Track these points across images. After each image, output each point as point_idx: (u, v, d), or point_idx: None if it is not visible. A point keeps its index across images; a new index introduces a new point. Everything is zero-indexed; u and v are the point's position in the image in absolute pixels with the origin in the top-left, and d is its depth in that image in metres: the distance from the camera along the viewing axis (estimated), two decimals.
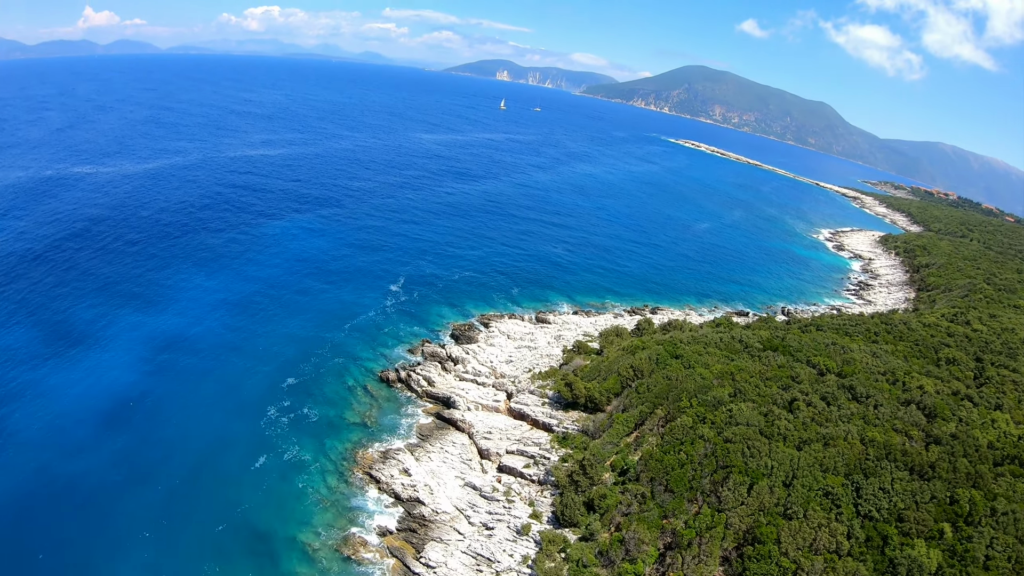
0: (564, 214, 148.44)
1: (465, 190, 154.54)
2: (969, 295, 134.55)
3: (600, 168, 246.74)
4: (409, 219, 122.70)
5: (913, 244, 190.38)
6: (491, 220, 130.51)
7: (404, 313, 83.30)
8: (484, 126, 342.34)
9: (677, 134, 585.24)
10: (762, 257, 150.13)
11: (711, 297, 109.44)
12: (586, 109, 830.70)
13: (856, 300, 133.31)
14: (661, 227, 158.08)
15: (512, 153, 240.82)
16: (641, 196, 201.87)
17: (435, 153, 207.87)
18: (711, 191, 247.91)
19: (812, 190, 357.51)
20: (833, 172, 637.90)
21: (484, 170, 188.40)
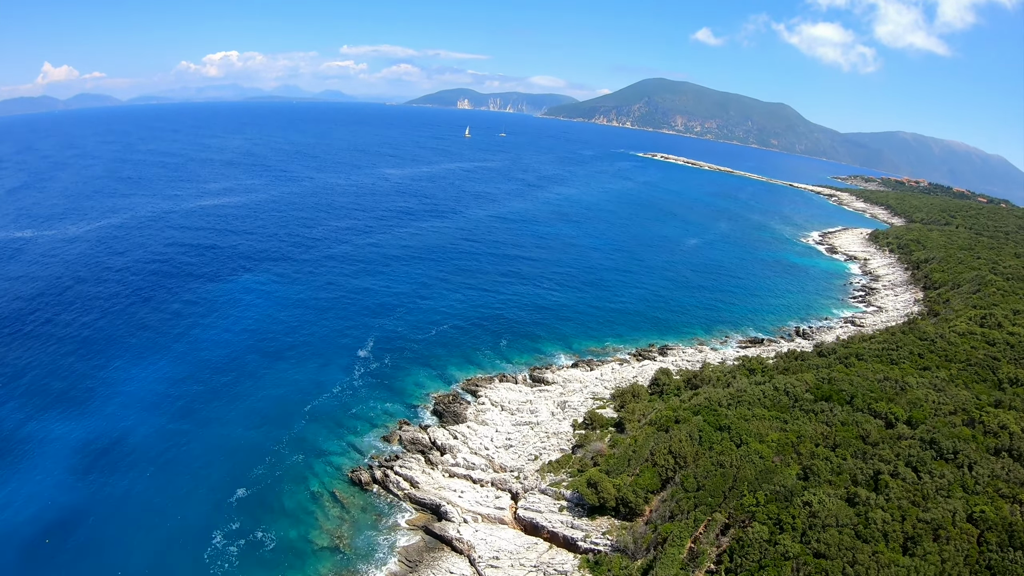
0: (546, 245, 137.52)
1: (436, 228, 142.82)
2: (981, 289, 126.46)
3: (575, 189, 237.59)
4: (376, 269, 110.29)
5: (905, 239, 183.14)
6: (467, 261, 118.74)
7: (375, 385, 71.41)
8: (451, 155, 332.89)
9: (644, 148, 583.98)
10: (759, 270, 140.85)
11: (718, 325, 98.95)
12: (550, 130, 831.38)
13: (866, 308, 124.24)
14: (650, 248, 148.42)
15: (483, 182, 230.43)
16: (623, 215, 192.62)
17: (403, 188, 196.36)
18: (691, 203, 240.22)
19: (787, 192, 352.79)
20: (802, 172, 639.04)
21: (455, 203, 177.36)
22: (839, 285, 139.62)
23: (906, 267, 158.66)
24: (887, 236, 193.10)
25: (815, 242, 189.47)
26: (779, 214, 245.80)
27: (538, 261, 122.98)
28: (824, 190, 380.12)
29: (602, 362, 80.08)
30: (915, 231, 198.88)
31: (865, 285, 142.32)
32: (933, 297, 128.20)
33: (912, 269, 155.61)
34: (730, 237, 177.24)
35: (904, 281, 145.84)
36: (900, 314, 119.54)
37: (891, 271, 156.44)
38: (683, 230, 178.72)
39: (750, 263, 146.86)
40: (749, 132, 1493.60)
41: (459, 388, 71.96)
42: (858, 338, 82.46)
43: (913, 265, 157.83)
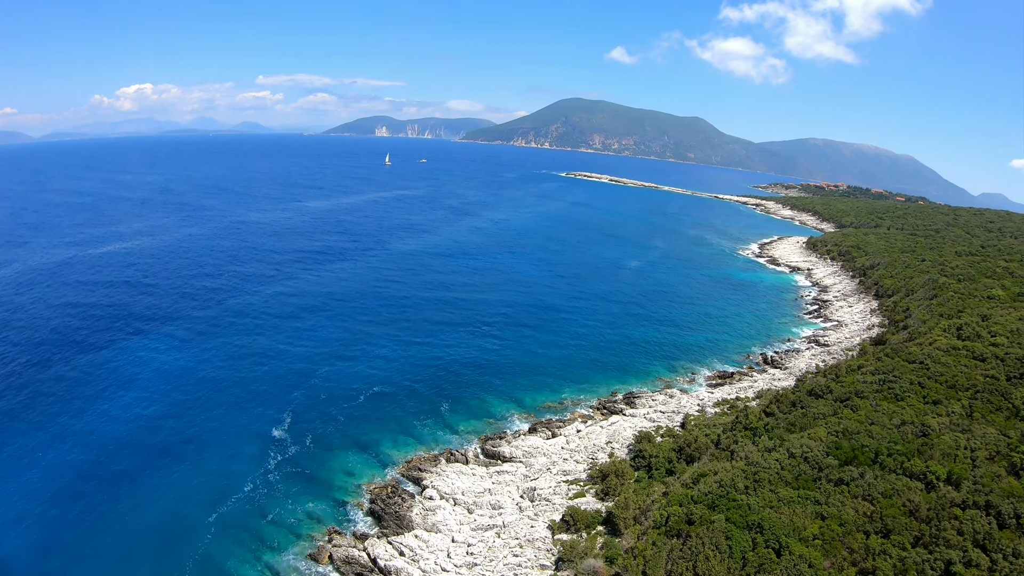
0: (481, 279, 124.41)
1: (358, 268, 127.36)
2: (938, 294, 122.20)
3: (505, 213, 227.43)
4: (290, 324, 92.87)
5: (845, 245, 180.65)
6: (395, 307, 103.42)
7: (296, 477, 56.74)
8: (373, 184, 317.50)
9: (566, 167, 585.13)
10: (708, 290, 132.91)
11: (680, 359, 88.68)
12: (470, 154, 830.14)
13: (824, 324, 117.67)
14: (593, 273, 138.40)
15: (408, 211, 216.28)
16: (558, 238, 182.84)
17: (322, 222, 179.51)
18: (624, 221, 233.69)
19: (714, 204, 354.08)
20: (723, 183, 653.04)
21: (379, 237, 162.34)
22: (791, 300, 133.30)
23: (852, 275, 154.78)
24: (825, 244, 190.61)
25: (755, 255, 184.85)
26: (712, 227, 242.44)
27: (475, 300, 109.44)
28: (749, 200, 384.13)
29: (563, 422, 67.55)
30: (852, 236, 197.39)
31: (816, 298, 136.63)
32: (889, 306, 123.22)
33: (859, 276, 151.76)
34: (671, 255, 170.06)
35: (854, 290, 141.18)
36: (861, 327, 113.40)
37: (838, 280, 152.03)
38: (622, 251, 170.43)
39: (697, 283, 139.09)
40: (666, 147, 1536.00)
41: (398, 474, 57.99)
42: (844, 367, 73.62)
43: (859, 272, 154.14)
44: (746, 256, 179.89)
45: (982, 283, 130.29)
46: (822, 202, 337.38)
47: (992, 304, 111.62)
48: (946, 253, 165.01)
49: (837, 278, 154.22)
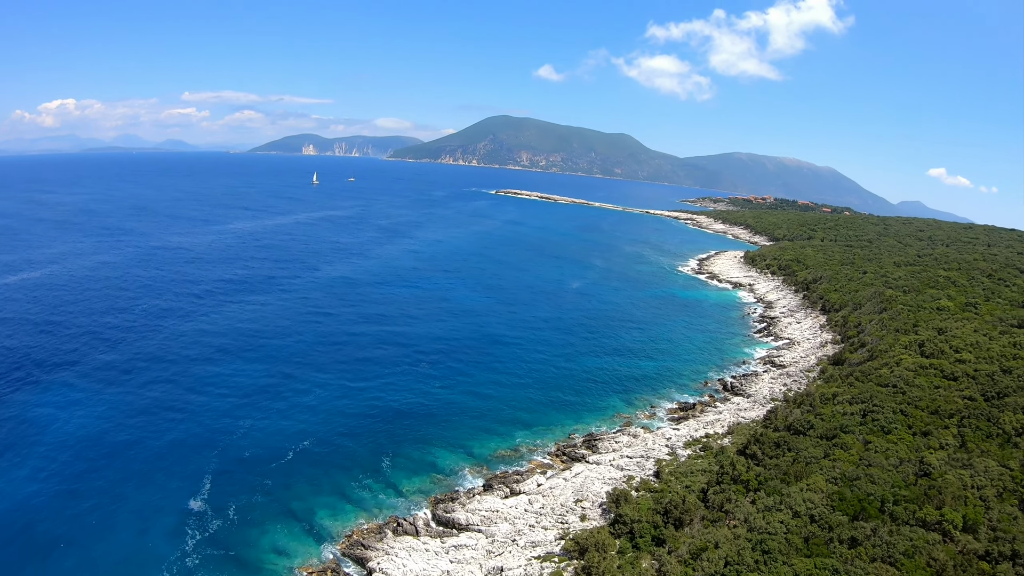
0: (417, 308, 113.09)
1: (283, 299, 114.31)
2: (887, 308, 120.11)
3: (438, 233, 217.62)
4: (205, 370, 79.52)
5: (784, 259, 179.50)
6: (323, 347, 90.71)
7: (217, 560, 45.05)
8: (300, 204, 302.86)
9: (495, 185, 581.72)
10: (653, 312, 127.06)
11: (636, 391, 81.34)
12: (398, 172, 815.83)
13: (776, 343, 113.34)
14: (534, 297, 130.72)
15: (336, 232, 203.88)
16: (495, 258, 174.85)
17: (246, 246, 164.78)
18: (559, 239, 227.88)
19: (646, 219, 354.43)
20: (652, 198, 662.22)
21: (306, 261, 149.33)
22: (738, 318, 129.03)
23: (795, 289, 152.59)
24: (764, 258, 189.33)
25: (695, 271, 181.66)
26: (648, 243, 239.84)
27: (413, 334, 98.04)
28: (680, 215, 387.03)
29: (520, 474, 58.38)
30: (790, 250, 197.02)
31: (763, 314, 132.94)
32: (838, 321, 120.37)
33: (802, 291, 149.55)
34: (611, 273, 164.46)
35: (799, 305, 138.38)
36: (814, 344, 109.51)
37: (781, 295, 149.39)
38: (562, 270, 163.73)
39: (642, 303, 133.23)
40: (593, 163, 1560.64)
41: (338, 551, 47.51)
42: (818, 396, 67.70)
43: (802, 286, 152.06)
44: (686, 273, 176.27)
45: (928, 294, 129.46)
46: (753, 215, 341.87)
47: (944, 316, 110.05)
48: (885, 264, 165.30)
49: (780, 293, 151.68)
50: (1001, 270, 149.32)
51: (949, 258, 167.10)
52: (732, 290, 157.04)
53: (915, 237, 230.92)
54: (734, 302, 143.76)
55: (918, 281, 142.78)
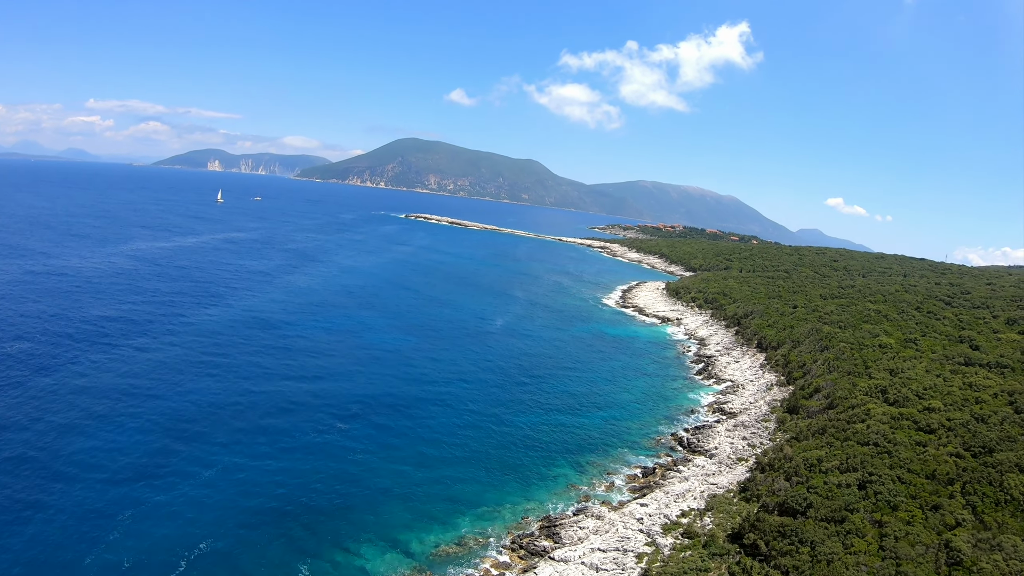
0: (327, 355, 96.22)
1: (170, 347, 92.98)
2: (829, 346, 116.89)
3: (348, 260, 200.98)
4: (66, 450, 59.15)
5: (710, 292, 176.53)
6: (214, 410, 72.09)
7: None
8: (203, 223, 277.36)
9: (404, 208, 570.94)
10: (585, 353, 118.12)
11: (585, 453, 71.00)
12: (305, 193, 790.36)
13: (719, 386, 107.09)
14: (457, 336, 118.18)
15: (240, 256, 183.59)
16: (411, 288, 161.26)
17: (136, 273, 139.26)
18: (476, 267, 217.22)
19: (560, 247, 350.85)
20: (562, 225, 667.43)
21: (200, 296, 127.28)
22: (673, 357, 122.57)
23: (726, 324, 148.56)
24: (688, 290, 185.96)
25: (619, 304, 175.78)
26: (566, 273, 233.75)
27: (324, 390, 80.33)
28: (594, 242, 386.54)
29: None
30: (713, 282, 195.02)
31: (699, 353, 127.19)
32: (778, 360, 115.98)
33: (734, 326, 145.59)
34: (534, 307, 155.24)
35: (733, 342, 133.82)
36: (759, 387, 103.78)
37: (713, 331, 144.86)
38: (483, 303, 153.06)
39: (571, 343, 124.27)
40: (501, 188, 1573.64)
41: None
42: (801, 461, 59.87)
43: (732, 321, 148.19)
44: (611, 306, 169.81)
45: (865, 330, 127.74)
46: (667, 244, 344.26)
47: (889, 355, 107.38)
48: (812, 297, 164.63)
49: (711, 328, 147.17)
50: (926, 302, 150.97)
51: (872, 290, 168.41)
52: (661, 325, 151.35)
53: (830, 267, 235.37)
54: (666, 339, 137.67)
55: (850, 315, 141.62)
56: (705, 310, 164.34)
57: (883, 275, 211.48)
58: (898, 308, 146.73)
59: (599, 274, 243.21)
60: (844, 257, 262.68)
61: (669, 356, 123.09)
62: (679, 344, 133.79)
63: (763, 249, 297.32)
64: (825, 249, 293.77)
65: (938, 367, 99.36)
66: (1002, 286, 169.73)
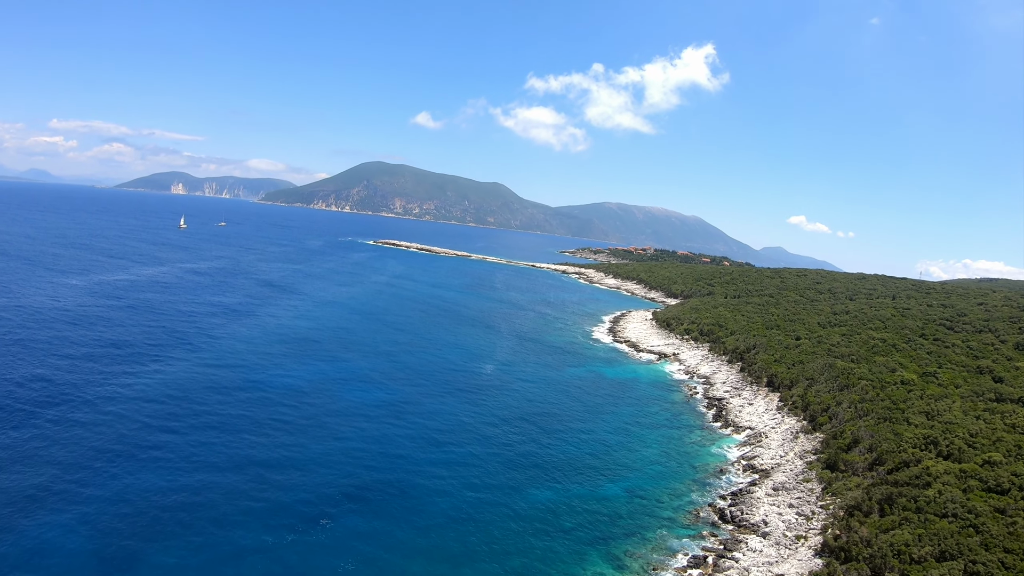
0: (295, 426, 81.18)
1: (103, 418, 76.63)
2: (849, 384, 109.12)
3: (313, 294, 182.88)
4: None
5: (704, 323, 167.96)
6: (153, 518, 56.13)
7: None
8: (166, 249, 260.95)
9: (372, 234, 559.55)
10: (587, 401, 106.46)
11: (616, 539, 58.24)
12: (271, 218, 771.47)
13: (738, 435, 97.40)
14: (445, 387, 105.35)
15: (201, 290, 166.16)
16: (391, 325, 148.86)
17: (84, 312, 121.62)
18: (453, 298, 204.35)
19: (535, 274, 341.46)
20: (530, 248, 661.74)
21: (150, 344, 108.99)
22: (682, 402, 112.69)
23: (728, 359, 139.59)
24: (680, 321, 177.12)
25: (610, 337, 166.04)
26: (547, 303, 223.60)
27: (295, 482, 66.31)
28: (569, 268, 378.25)
29: None
30: (704, 311, 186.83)
31: (708, 396, 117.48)
32: (796, 401, 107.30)
33: (736, 361, 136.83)
34: (522, 344, 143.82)
35: (741, 381, 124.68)
36: (784, 435, 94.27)
37: (716, 368, 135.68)
38: (467, 340, 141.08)
39: (570, 389, 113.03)
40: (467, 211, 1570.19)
41: None
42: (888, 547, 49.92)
43: (734, 356, 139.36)
44: (603, 341, 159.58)
45: (879, 363, 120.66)
46: (644, 269, 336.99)
47: (915, 392, 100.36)
48: (810, 325, 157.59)
49: (713, 365, 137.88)
50: (928, 327, 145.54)
51: (867, 315, 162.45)
52: (659, 363, 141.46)
53: (815, 290, 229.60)
54: (668, 379, 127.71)
55: (857, 346, 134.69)
56: (702, 343, 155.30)
57: (870, 297, 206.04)
58: (902, 336, 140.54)
59: (581, 303, 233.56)
60: (826, 279, 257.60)
61: (677, 400, 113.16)
62: (684, 385, 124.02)
63: (743, 272, 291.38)
64: (805, 271, 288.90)
65: (971, 405, 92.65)
66: (994, 305, 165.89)
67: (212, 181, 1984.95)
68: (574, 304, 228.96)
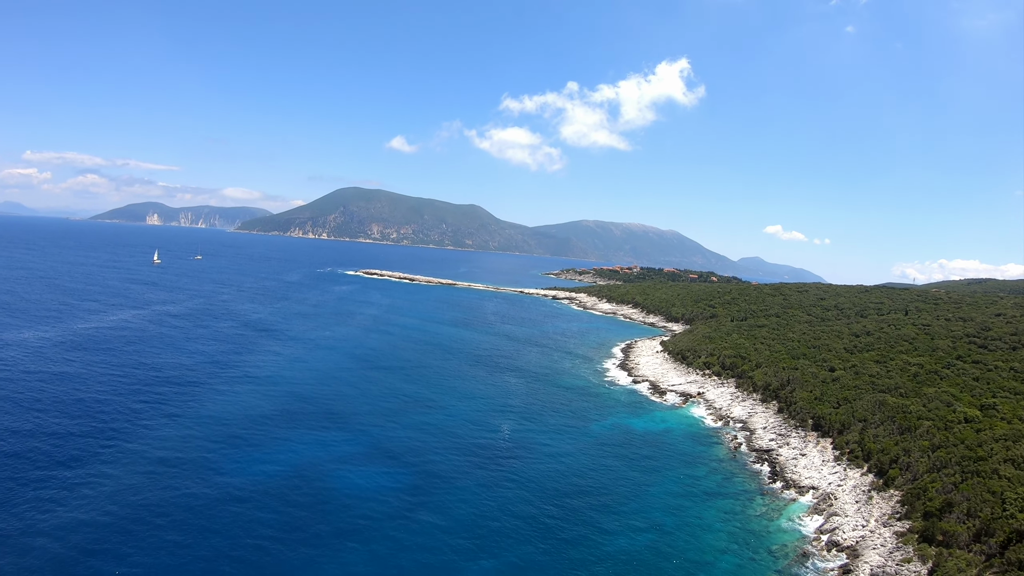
0: (265, 550, 62.78)
1: (28, 535, 60.13)
2: (907, 427, 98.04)
3: (296, 339, 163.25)
4: None
5: (724, 355, 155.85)
6: None
7: None
8: (133, 290, 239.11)
9: (351, 263, 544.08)
10: (625, 472, 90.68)
11: None
12: (248, 248, 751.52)
13: (800, 495, 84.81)
14: (456, 471, 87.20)
15: (166, 345, 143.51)
16: (376, 383, 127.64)
17: (26, 378, 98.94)
18: (446, 337, 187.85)
19: (525, 301, 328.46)
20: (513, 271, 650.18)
21: (97, 428, 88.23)
22: (727, 458, 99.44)
23: (761, 398, 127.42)
24: (696, 353, 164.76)
25: (624, 374, 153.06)
26: (547, 336, 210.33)
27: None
28: (559, 293, 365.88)
29: None
30: (716, 340, 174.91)
31: (753, 447, 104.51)
32: (853, 448, 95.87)
33: (771, 399, 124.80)
34: (535, 396, 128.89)
35: (782, 424, 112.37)
36: (854, 495, 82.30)
37: (750, 409, 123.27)
38: (474, 389, 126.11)
39: (600, 455, 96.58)
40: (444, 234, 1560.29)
41: None
42: None
43: (767, 393, 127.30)
44: (618, 382, 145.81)
45: (930, 396, 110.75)
46: (638, 291, 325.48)
47: (985, 432, 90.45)
48: (838, 352, 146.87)
49: (746, 406, 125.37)
50: (959, 346, 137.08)
51: (891, 335, 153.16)
52: (686, 406, 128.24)
53: (820, 307, 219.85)
54: (703, 429, 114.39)
55: (897, 374, 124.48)
56: (726, 379, 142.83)
57: (880, 313, 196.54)
58: (939, 359, 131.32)
59: (582, 334, 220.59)
60: (829, 294, 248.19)
61: (722, 456, 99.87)
62: (722, 434, 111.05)
63: (741, 291, 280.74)
64: (805, 286, 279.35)
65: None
66: (1014, 316, 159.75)
67: (188, 211, 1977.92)
68: (575, 335, 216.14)
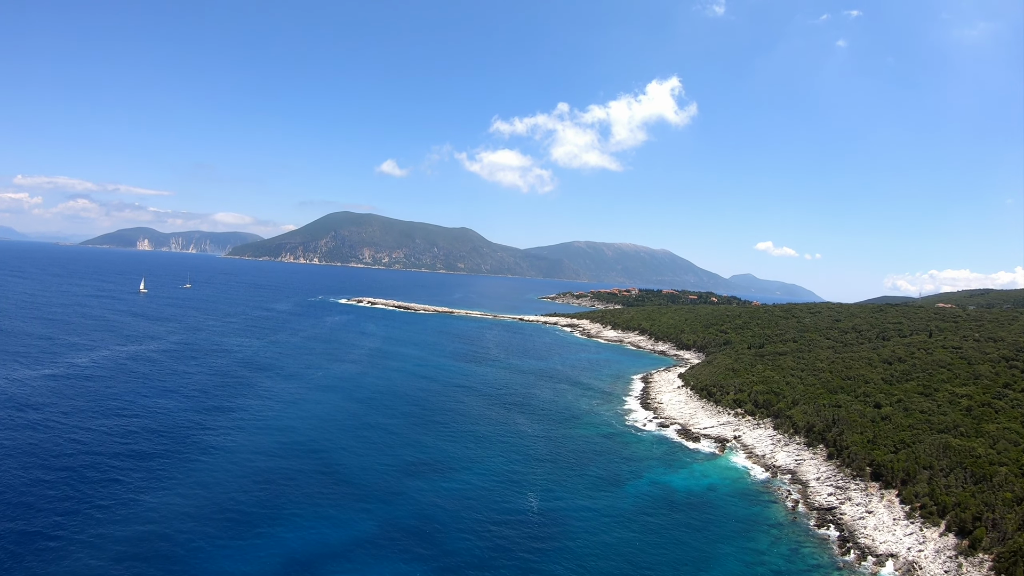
0: None
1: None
2: (980, 475, 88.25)
3: (287, 382, 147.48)
4: None
5: (754, 392, 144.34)
6: None
7: None
8: (115, 323, 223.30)
9: (344, 291, 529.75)
10: (673, 547, 78.81)
11: None
12: (238, 274, 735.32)
13: (880, 567, 73.32)
14: (494, 560, 72.87)
15: (140, 390, 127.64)
16: (380, 440, 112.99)
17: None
18: (450, 374, 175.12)
19: (526, 329, 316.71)
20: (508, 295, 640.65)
21: (59, 493, 75.21)
22: (786, 521, 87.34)
23: (804, 441, 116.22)
24: (723, 390, 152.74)
25: (649, 416, 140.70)
26: (556, 371, 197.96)
27: None
28: (560, 320, 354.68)
29: None
30: (741, 373, 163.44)
31: (811, 504, 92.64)
32: (925, 503, 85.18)
33: (816, 443, 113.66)
34: (552, 440, 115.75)
35: (837, 475, 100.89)
36: (945, 568, 70.51)
37: (796, 456, 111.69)
38: (489, 444, 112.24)
39: (645, 529, 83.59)
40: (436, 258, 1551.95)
41: None
42: None
43: (812, 436, 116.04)
44: (644, 427, 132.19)
45: (994, 435, 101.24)
46: (643, 316, 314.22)
47: None
48: (876, 383, 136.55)
49: (790, 452, 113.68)
50: (1003, 372, 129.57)
51: (925, 362, 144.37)
52: (724, 455, 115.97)
53: (838, 330, 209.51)
54: (750, 484, 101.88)
55: (949, 409, 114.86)
56: (762, 419, 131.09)
57: (902, 334, 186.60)
58: (987, 389, 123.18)
59: (593, 367, 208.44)
60: (843, 315, 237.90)
61: (780, 519, 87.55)
62: (772, 489, 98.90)
63: (752, 314, 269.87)
64: (817, 306, 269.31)
65: None
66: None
67: (178, 236, 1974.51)
68: (585, 368, 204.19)
